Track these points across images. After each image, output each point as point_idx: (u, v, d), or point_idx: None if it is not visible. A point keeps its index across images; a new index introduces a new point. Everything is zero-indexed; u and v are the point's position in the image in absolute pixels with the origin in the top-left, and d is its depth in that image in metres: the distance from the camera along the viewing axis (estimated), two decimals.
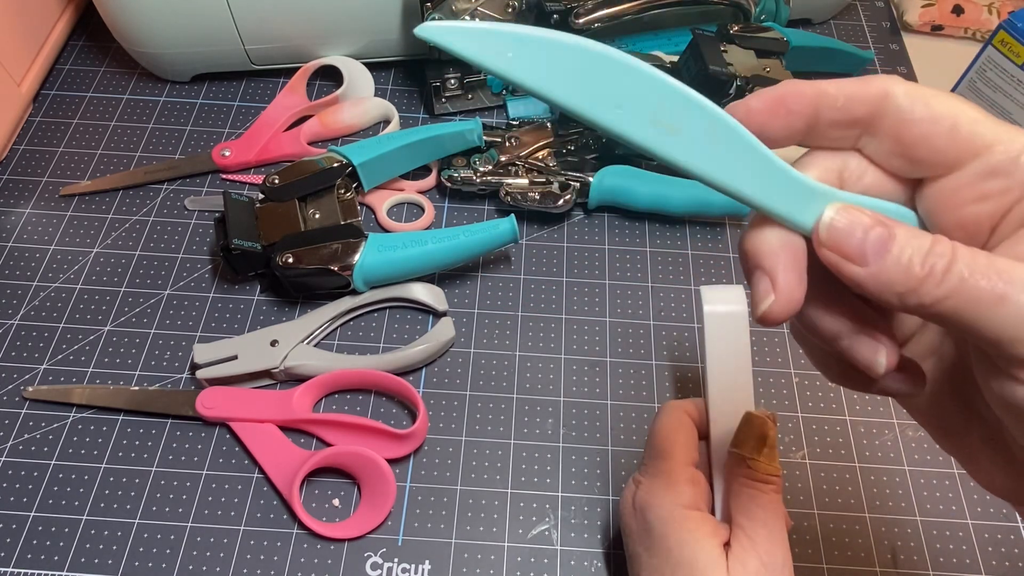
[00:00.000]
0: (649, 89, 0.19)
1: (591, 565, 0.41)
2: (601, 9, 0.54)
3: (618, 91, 0.19)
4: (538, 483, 0.43)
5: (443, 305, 0.48)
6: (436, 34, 0.18)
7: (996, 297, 0.19)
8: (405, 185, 0.54)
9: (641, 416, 0.46)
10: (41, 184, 0.54)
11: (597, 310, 0.50)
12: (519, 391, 0.46)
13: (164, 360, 0.47)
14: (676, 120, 0.19)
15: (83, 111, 0.58)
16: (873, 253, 0.20)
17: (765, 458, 0.34)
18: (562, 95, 0.18)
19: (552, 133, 0.54)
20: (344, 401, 0.46)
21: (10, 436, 0.44)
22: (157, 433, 0.44)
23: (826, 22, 0.66)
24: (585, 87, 0.18)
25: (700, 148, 0.19)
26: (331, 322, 0.47)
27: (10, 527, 0.41)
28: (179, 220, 0.53)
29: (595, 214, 0.54)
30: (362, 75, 0.59)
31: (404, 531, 0.42)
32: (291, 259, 0.46)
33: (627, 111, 0.19)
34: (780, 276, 0.22)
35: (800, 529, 0.42)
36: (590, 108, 0.19)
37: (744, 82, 0.52)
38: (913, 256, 0.20)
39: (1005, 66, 0.52)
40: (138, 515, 0.42)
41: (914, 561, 0.41)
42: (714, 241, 0.53)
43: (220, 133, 0.57)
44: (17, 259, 0.50)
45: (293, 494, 0.41)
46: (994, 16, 0.64)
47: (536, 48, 0.18)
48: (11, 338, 0.47)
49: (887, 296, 0.20)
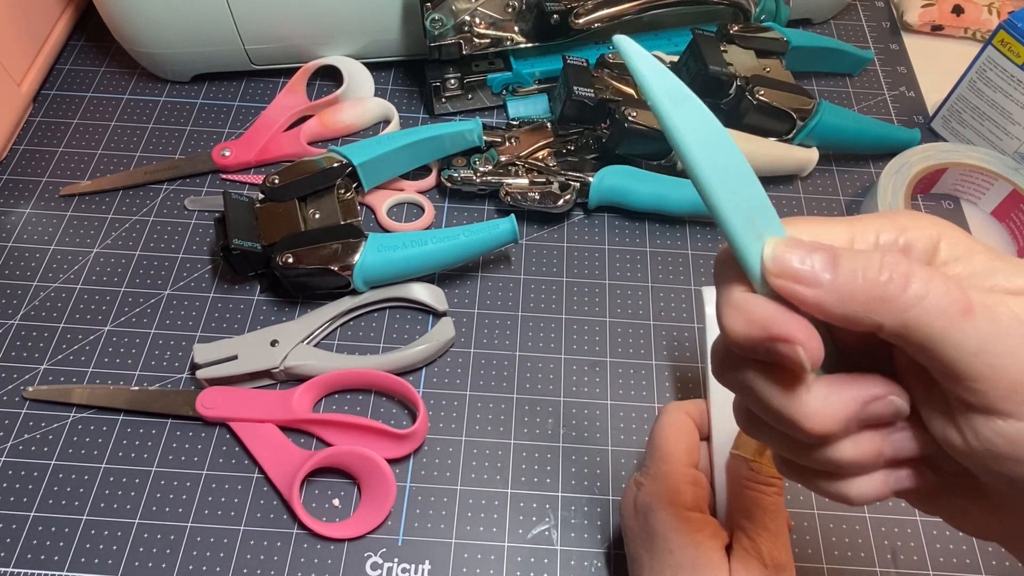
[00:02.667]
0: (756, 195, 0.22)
1: (591, 565, 0.41)
2: (601, 9, 0.54)
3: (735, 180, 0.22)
4: (538, 483, 0.43)
5: (443, 305, 0.48)
6: (629, 49, 0.22)
7: (962, 309, 0.19)
8: (405, 185, 0.54)
9: (641, 416, 0.46)
10: (41, 184, 0.54)
11: (597, 310, 0.49)
12: (519, 391, 0.46)
13: (164, 360, 0.47)
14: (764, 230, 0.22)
15: (83, 111, 0.58)
16: (823, 270, 0.20)
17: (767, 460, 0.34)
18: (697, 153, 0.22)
19: (552, 133, 0.54)
20: (344, 401, 0.46)
21: (10, 436, 0.44)
22: (157, 433, 0.44)
23: (826, 22, 0.66)
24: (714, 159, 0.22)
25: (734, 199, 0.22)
26: (331, 322, 0.47)
27: (10, 527, 0.41)
28: (179, 220, 0.53)
29: (595, 214, 0.54)
30: (362, 75, 0.59)
31: (404, 531, 0.42)
32: (291, 259, 0.46)
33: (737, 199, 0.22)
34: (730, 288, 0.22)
35: (800, 529, 0.42)
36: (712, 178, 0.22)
37: (744, 82, 0.52)
38: (867, 265, 0.20)
39: (1005, 66, 0.52)
40: (138, 515, 0.42)
41: (914, 561, 0.41)
42: (714, 241, 0.53)
43: (220, 133, 0.57)
44: (17, 259, 0.50)
45: (293, 494, 0.41)
46: (994, 16, 0.64)
47: (695, 110, 0.22)
48: (11, 338, 0.47)
49: (852, 310, 0.20)
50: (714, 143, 0.22)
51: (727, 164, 0.22)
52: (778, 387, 0.22)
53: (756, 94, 0.51)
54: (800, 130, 0.52)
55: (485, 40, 0.55)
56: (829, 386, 0.22)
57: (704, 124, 0.22)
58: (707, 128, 0.22)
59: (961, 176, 0.54)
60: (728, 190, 0.22)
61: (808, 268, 0.21)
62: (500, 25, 0.55)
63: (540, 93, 0.58)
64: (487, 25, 0.54)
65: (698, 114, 0.22)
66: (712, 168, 0.22)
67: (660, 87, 0.21)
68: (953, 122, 0.58)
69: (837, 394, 0.22)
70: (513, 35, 0.55)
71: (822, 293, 0.20)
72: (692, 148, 0.22)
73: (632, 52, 0.21)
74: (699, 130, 0.22)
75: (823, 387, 0.22)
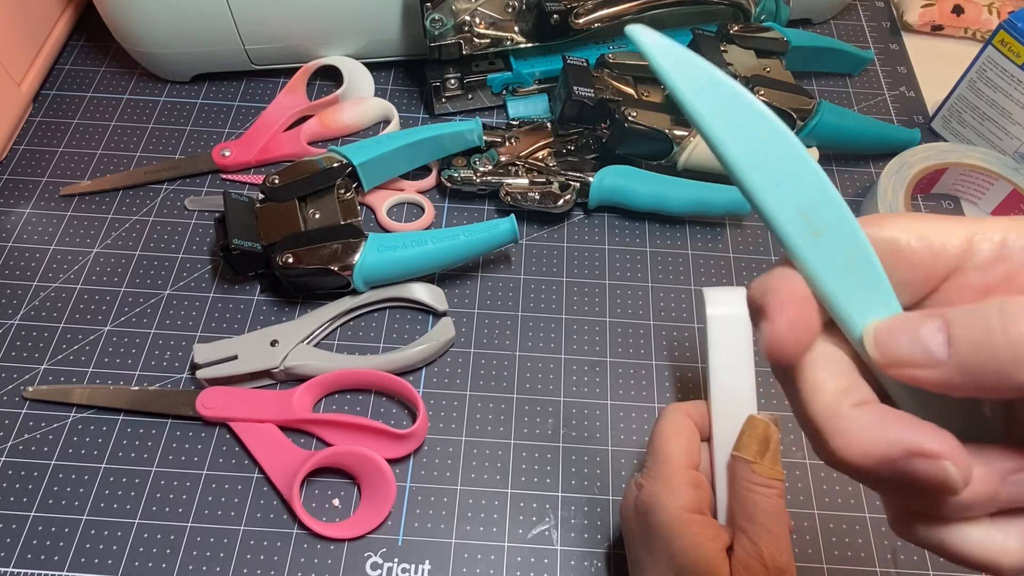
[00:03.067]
0: (811, 185, 0.19)
1: (591, 565, 0.41)
2: (601, 9, 0.54)
3: (781, 170, 0.19)
4: (538, 483, 0.43)
5: (443, 305, 0.48)
6: (643, 39, 0.19)
7: None
8: (405, 185, 0.54)
9: (641, 416, 0.46)
10: (41, 184, 0.54)
11: (597, 310, 0.49)
12: (519, 391, 0.46)
13: (164, 360, 0.47)
14: (823, 225, 0.19)
15: (83, 111, 0.58)
16: (937, 346, 0.18)
17: (768, 462, 0.34)
18: (731, 149, 0.19)
19: (552, 133, 0.54)
20: (344, 401, 0.46)
21: (10, 436, 0.44)
22: (157, 433, 0.44)
23: (826, 22, 0.66)
24: (754, 152, 0.19)
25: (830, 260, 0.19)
26: (331, 322, 0.47)
27: (10, 527, 0.41)
28: (179, 220, 0.53)
29: (595, 214, 0.54)
30: (362, 75, 0.59)
31: (404, 531, 0.42)
32: (291, 259, 0.46)
33: (781, 191, 0.19)
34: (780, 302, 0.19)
35: (800, 529, 0.42)
36: (750, 173, 0.19)
37: (744, 82, 0.52)
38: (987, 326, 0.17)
39: (1005, 66, 0.52)
40: (138, 515, 0.42)
41: (914, 561, 0.41)
42: (714, 241, 0.53)
43: (220, 133, 0.57)
44: (17, 259, 0.50)
45: (293, 494, 0.41)
46: (994, 16, 0.64)
47: (727, 95, 0.19)
48: (11, 338, 0.47)
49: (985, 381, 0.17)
50: (751, 130, 0.19)
51: (770, 153, 0.19)
52: None
53: (756, 94, 0.51)
54: (800, 130, 0.52)
55: (485, 40, 0.55)
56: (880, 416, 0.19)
57: (738, 109, 0.19)
58: (742, 113, 0.19)
59: (961, 176, 0.54)
60: (772, 183, 0.19)
61: (920, 348, 0.18)
62: (500, 25, 0.55)
63: (540, 93, 0.58)
64: (487, 25, 0.54)
65: (729, 99, 0.19)
66: (749, 160, 0.19)
67: (681, 77, 0.19)
68: (953, 122, 0.58)
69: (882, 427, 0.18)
70: (513, 35, 0.55)
71: (944, 372, 0.17)
72: (723, 139, 0.19)
73: (647, 42, 0.19)
74: (732, 117, 0.19)
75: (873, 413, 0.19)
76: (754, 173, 0.19)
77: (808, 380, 0.19)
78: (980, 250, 0.19)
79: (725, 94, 0.19)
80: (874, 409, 0.19)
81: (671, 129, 0.51)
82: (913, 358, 0.18)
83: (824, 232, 0.19)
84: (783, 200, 0.19)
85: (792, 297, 0.19)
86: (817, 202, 0.19)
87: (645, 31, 0.19)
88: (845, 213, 0.19)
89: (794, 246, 0.19)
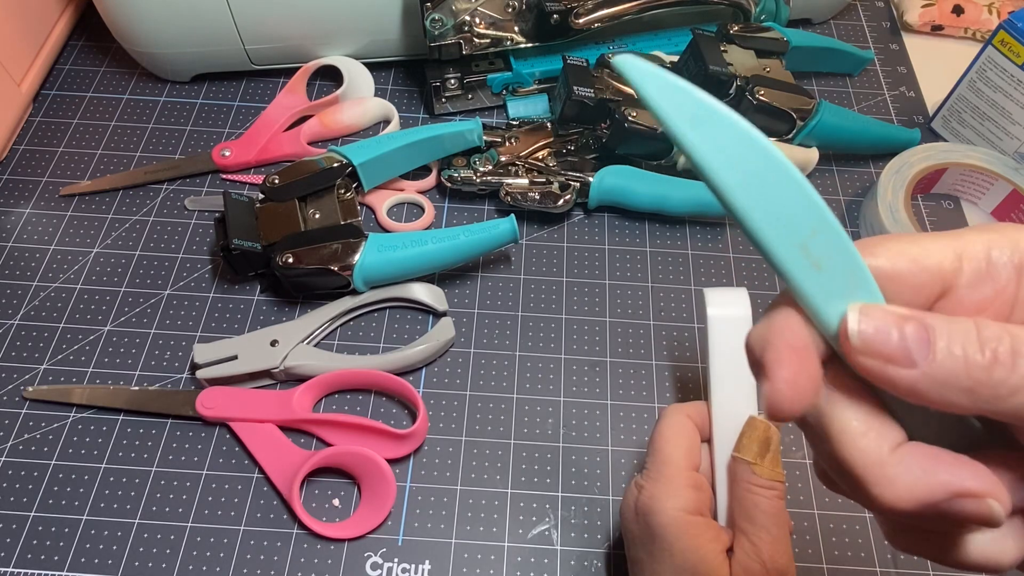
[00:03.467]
0: (811, 215, 0.19)
1: (591, 565, 0.41)
2: (601, 9, 0.54)
3: (781, 204, 0.18)
4: (538, 483, 0.43)
5: (443, 305, 0.48)
6: (630, 69, 0.18)
7: None
8: (405, 185, 0.54)
9: (641, 416, 0.46)
10: (41, 184, 0.54)
11: (597, 310, 0.49)
12: (519, 391, 0.46)
13: (164, 360, 0.47)
14: (823, 256, 0.19)
15: (83, 111, 0.58)
16: (919, 348, 0.17)
17: (768, 463, 0.34)
18: (726, 180, 0.18)
19: (552, 133, 0.54)
20: (344, 401, 0.46)
21: (10, 436, 0.44)
22: (157, 433, 0.44)
23: (826, 22, 0.66)
24: (751, 184, 0.18)
25: (831, 291, 0.19)
26: (331, 322, 0.47)
27: (10, 527, 0.41)
28: (179, 220, 0.53)
29: (595, 214, 0.54)
30: (362, 75, 0.59)
31: (404, 531, 0.42)
32: (291, 259, 0.46)
33: (781, 225, 0.19)
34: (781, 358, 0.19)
35: (800, 529, 0.42)
36: (747, 206, 0.18)
37: (744, 82, 0.52)
38: (966, 343, 0.17)
39: (1005, 66, 0.52)
40: (138, 515, 0.42)
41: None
42: (714, 241, 0.53)
43: (220, 133, 0.57)
44: (17, 259, 0.50)
45: (293, 494, 0.41)
46: (994, 16, 0.64)
47: (723, 125, 0.18)
48: (11, 338, 0.47)
49: (952, 396, 0.17)
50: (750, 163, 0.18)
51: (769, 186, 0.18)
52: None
53: (756, 94, 0.51)
54: (800, 130, 0.52)
55: (485, 40, 0.55)
56: (921, 458, 0.18)
57: (736, 141, 0.18)
58: (740, 145, 0.18)
59: (961, 176, 0.54)
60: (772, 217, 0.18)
61: (902, 345, 0.17)
62: (500, 25, 0.55)
63: (540, 93, 0.58)
64: (487, 25, 0.54)
65: (726, 130, 0.18)
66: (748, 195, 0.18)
67: (674, 110, 0.18)
68: (953, 122, 0.58)
69: (925, 471, 0.18)
70: (513, 35, 0.55)
71: (917, 376, 0.17)
72: (720, 175, 0.18)
73: (636, 73, 0.18)
74: (729, 150, 0.18)
75: (913, 456, 0.18)
76: (753, 209, 0.18)
77: (836, 426, 0.19)
78: (967, 270, 0.19)
79: (721, 124, 0.18)
80: (914, 451, 0.18)
81: (685, 156, 0.51)
82: (892, 353, 0.18)
83: (824, 263, 0.19)
84: (783, 233, 0.19)
85: (790, 350, 0.19)
86: (816, 232, 0.19)
87: (634, 60, 0.18)
88: (844, 241, 0.19)
89: (795, 280, 0.19)
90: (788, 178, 0.18)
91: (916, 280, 0.19)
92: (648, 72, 0.18)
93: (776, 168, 0.18)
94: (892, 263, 0.19)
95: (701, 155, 0.18)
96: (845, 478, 0.19)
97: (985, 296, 0.19)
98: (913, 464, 0.18)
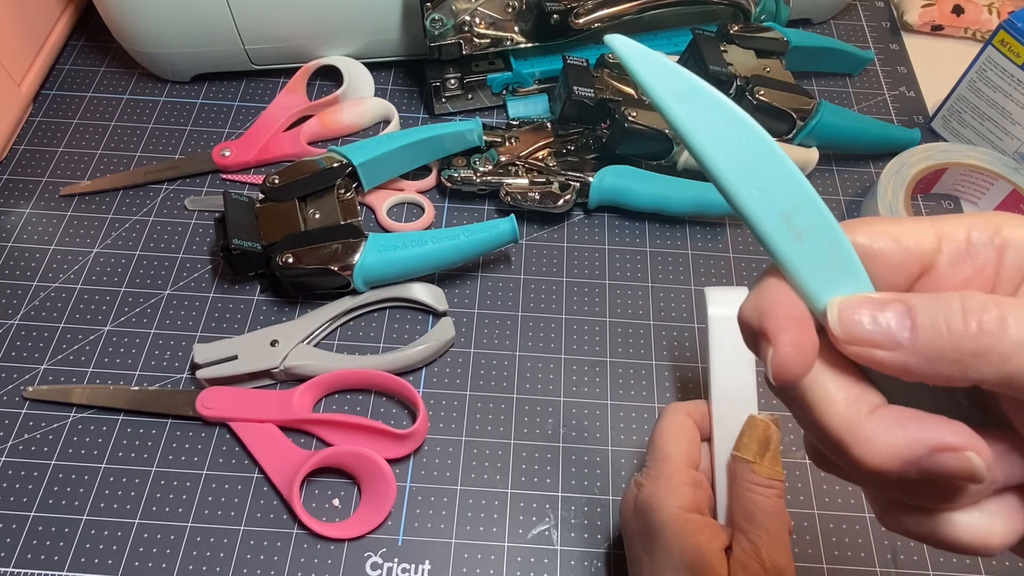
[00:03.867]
0: (792, 188, 0.19)
1: (591, 565, 0.41)
2: (601, 9, 0.54)
3: (763, 176, 0.19)
4: (538, 483, 0.43)
5: (443, 305, 0.48)
6: (622, 48, 0.19)
7: None
8: (405, 185, 0.54)
9: (641, 416, 0.46)
10: (41, 184, 0.54)
11: (597, 310, 0.49)
12: (519, 391, 0.46)
13: (164, 360, 0.47)
14: (805, 227, 0.19)
15: (83, 111, 0.58)
16: (900, 329, 0.18)
17: (768, 462, 0.34)
18: (709, 153, 0.19)
19: (552, 133, 0.54)
20: (344, 401, 0.46)
21: (10, 436, 0.44)
22: (157, 433, 0.44)
23: (826, 22, 0.66)
24: (734, 157, 0.19)
25: (814, 261, 0.20)
26: (331, 322, 0.47)
27: (10, 527, 0.41)
28: (179, 220, 0.53)
29: (595, 214, 0.54)
30: (362, 75, 0.59)
31: (404, 531, 0.42)
32: (291, 259, 0.46)
33: (763, 197, 0.19)
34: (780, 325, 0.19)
35: (800, 529, 0.42)
36: (731, 178, 0.19)
37: (744, 82, 0.52)
38: (949, 317, 0.18)
39: (1005, 66, 0.52)
40: (138, 515, 0.42)
41: (914, 561, 0.41)
42: (714, 241, 0.53)
43: (220, 133, 0.57)
44: (17, 259, 0.50)
45: (293, 494, 0.41)
46: (994, 16, 0.64)
47: (706, 102, 0.19)
48: (11, 338, 0.47)
49: (942, 369, 0.18)
50: (733, 138, 0.19)
51: (751, 159, 0.19)
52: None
53: (756, 94, 0.51)
54: (800, 130, 0.52)
55: (485, 40, 0.55)
56: (897, 417, 0.19)
57: (719, 116, 0.19)
58: (723, 121, 0.19)
59: (961, 176, 0.54)
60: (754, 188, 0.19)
61: (883, 329, 0.18)
62: (500, 25, 0.55)
63: (540, 93, 0.58)
64: (487, 25, 0.54)
65: (710, 107, 0.19)
66: (731, 167, 0.19)
67: (661, 86, 0.19)
68: (953, 122, 0.58)
69: (903, 428, 0.18)
70: (513, 35, 0.55)
71: (904, 355, 0.18)
72: (705, 148, 0.19)
73: (626, 51, 0.19)
74: (713, 125, 0.19)
75: (890, 416, 0.19)
76: (736, 180, 0.19)
77: (817, 394, 0.19)
78: (947, 250, 0.20)
79: (704, 101, 0.19)
80: (890, 412, 0.19)
81: (671, 129, 0.51)
82: (874, 338, 0.18)
83: (806, 235, 0.19)
84: (766, 205, 0.19)
85: (790, 318, 0.19)
86: (799, 204, 0.19)
87: (623, 40, 0.19)
88: (825, 214, 0.19)
89: (778, 251, 0.20)
90: (769, 153, 0.19)
91: (896, 259, 0.20)
92: (636, 51, 0.19)
93: (758, 143, 0.19)
94: (872, 241, 0.20)
95: (686, 129, 0.19)
96: (827, 444, 0.19)
97: (965, 275, 0.20)
98: (892, 423, 0.18)
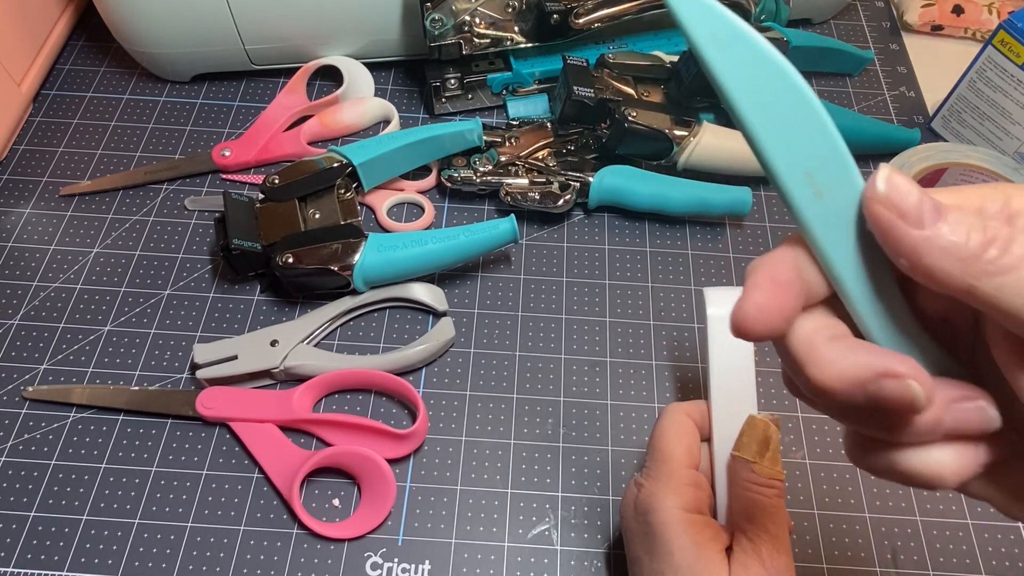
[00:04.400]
0: (822, 144, 0.19)
1: (591, 565, 0.41)
2: (601, 9, 0.54)
3: (794, 131, 0.19)
4: (538, 483, 0.43)
5: (443, 305, 0.48)
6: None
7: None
8: (405, 185, 0.54)
9: (641, 416, 0.46)
10: (41, 184, 0.54)
11: (597, 310, 0.49)
12: (519, 391, 0.46)
13: (164, 360, 0.47)
14: (827, 188, 0.19)
15: (83, 111, 0.58)
16: (932, 214, 0.19)
17: (768, 462, 0.34)
18: (743, 105, 0.19)
19: (552, 133, 0.54)
20: (344, 401, 0.46)
21: (10, 436, 0.44)
22: (157, 433, 0.44)
23: (826, 22, 0.66)
24: (768, 109, 0.19)
25: (831, 218, 0.20)
26: (331, 322, 0.47)
27: (10, 527, 0.41)
28: (179, 220, 0.53)
29: (595, 214, 0.54)
30: (362, 75, 0.59)
31: (404, 531, 0.42)
32: (291, 259, 0.46)
33: (790, 153, 0.19)
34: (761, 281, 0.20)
35: (800, 529, 0.42)
36: (762, 129, 0.19)
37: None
38: (972, 222, 0.19)
39: (1005, 66, 0.52)
40: (138, 515, 0.42)
41: (914, 561, 0.41)
42: (714, 241, 0.53)
43: (220, 133, 0.57)
44: (17, 259, 0.50)
45: (293, 494, 0.41)
46: (994, 16, 0.64)
47: (748, 50, 0.19)
48: (11, 338, 0.47)
49: (946, 264, 0.19)
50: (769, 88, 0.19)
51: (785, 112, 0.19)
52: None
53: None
54: None
55: (485, 40, 0.55)
56: (852, 345, 0.20)
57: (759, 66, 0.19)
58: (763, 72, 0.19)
59: (961, 176, 0.54)
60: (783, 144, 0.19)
61: (916, 205, 0.19)
62: (500, 25, 0.55)
63: (540, 93, 0.58)
64: (487, 25, 0.54)
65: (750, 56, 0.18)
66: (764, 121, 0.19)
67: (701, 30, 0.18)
68: (953, 122, 0.58)
69: (854, 354, 0.20)
70: (513, 35, 0.55)
71: (921, 239, 0.19)
72: (739, 99, 0.19)
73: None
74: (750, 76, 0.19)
75: (846, 343, 0.20)
76: (766, 134, 0.19)
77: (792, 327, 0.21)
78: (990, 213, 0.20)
79: (746, 49, 0.18)
80: (847, 340, 0.21)
81: (671, 129, 0.51)
82: (907, 210, 0.19)
83: (827, 193, 0.20)
84: (792, 161, 0.19)
85: (769, 281, 0.20)
86: (826, 161, 0.19)
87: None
88: (851, 173, 0.20)
89: (796, 206, 0.20)
90: (808, 107, 0.19)
91: None
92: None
93: (798, 96, 0.19)
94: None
95: (724, 76, 0.19)
96: (788, 362, 0.21)
97: None
98: (845, 349, 0.20)
